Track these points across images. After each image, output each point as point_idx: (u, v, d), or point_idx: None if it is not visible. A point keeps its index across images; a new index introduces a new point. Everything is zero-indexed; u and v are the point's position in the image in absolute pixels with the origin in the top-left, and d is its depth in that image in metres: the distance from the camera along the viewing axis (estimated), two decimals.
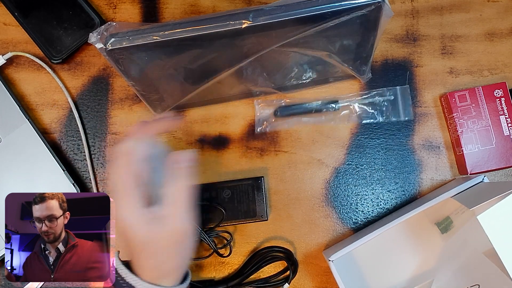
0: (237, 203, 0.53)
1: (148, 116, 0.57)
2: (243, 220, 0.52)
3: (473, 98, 0.54)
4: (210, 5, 0.59)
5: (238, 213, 0.52)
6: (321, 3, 0.40)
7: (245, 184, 0.53)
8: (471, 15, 0.58)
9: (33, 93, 0.58)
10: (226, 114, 0.57)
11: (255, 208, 0.52)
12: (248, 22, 0.40)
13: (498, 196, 0.41)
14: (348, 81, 0.57)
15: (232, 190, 0.53)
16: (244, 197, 0.53)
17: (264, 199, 0.53)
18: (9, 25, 0.59)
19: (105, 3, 0.59)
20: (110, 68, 0.58)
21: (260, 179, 0.53)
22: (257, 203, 0.53)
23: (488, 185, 0.47)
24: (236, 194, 0.53)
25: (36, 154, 0.55)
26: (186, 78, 0.49)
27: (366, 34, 0.46)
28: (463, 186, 0.49)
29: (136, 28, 0.41)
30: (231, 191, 0.53)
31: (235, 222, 0.53)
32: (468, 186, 0.49)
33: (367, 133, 0.57)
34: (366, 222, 0.55)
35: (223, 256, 0.52)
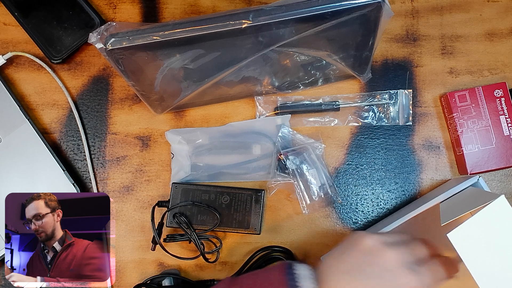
0: (233, 211, 0.52)
1: (148, 116, 0.57)
2: (236, 229, 0.52)
3: (473, 98, 0.54)
4: (210, 5, 0.59)
5: (232, 221, 0.52)
6: (321, 3, 0.40)
7: (245, 194, 0.53)
8: (471, 15, 0.58)
9: (33, 93, 0.58)
10: (226, 114, 0.57)
11: (250, 220, 0.52)
12: (248, 22, 0.40)
13: (469, 211, 0.39)
14: (348, 81, 0.57)
15: (231, 197, 0.53)
16: (242, 206, 0.53)
17: (261, 214, 0.52)
18: (9, 25, 0.59)
19: (105, 3, 0.59)
20: (110, 68, 0.58)
21: (260, 192, 0.53)
22: (253, 215, 0.52)
23: (474, 192, 0.45)
24: (234, 202, 0.53)
25: (36, 154, 0.55)
26: (186, 78, 0.49)
27: (366, 34, 0.46)
28: (457, 188, 0.47)
29: (136, 28, 0.41)
30: (230, 198, 0.53)
31: (227, 230, 0.53)
32: (462, 188, 0.47)
33: (367, 133, 0.57)
34: (366, 222, 0.55)
35: (208, 261, 0.51)
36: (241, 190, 0.53)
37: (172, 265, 0.55)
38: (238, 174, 0.55)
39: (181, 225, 0.51)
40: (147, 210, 0.55)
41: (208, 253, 0.52)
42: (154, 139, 0.57)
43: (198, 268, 0.55)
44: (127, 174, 0.56)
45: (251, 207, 0.53)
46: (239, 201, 0.53)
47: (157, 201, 0.53)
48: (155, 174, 0.56)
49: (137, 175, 0.56)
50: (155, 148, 0.57)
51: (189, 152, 0.55)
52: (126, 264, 0.55)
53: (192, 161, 0.55)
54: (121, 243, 0.55)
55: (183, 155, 0.55)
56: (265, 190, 0.54)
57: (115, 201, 0.56)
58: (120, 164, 0.56)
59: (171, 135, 0.56)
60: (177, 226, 0.52)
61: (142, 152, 0.57)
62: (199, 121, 0.57)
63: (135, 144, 0.57)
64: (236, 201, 0.53)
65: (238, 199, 0.53)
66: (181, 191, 0.53)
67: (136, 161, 0.56)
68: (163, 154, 0.56)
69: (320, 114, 0.57)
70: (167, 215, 0.52)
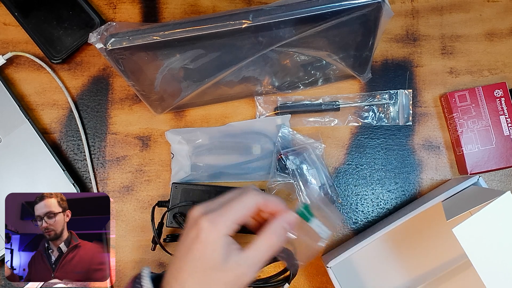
0: None
1: (148, 116, 0.57)
2: None
3: (473, 98, 0.54)
4: (210, 5, 0.59)
5: None
6: (321, 3, 0.40)
7: None
8: (471, 15, 0.58)
9: (33, 93, 0.58)
10: (226, 114, 0.57)
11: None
12: (248, 22, 0.40)
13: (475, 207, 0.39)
14: (348, 81, 0.57)
15: None
16: None
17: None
18: (9, 25, 0.59)
19: (105, 3, 0.59)
20: (110, 68, 0.58)
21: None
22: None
23: (477, 191, 0.46)
24: None
25: (36, 154, 0.55)
26: (186, 78, 0.49)
27: (366, 34, 0.46)
28: (457, 188, 0.47)
29: (136, 28, 0.41)
30: None
31: None
32: (463, 187, 0.47)
33: (367, 133, 0.57)
34: (366, 222, 0.55)
35: None
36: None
37: None
38: (238, 174, 0.55)
39: (181, 225, 0.51)
40: (147, 210, 0.55)
41: None
42: (154, 139, 0.57)
43: None
44: (127, 174, 0.56)
45: None
46: None
47: (157, 201, 0.53)
48: (155, 174, 0.56)
49: (137, 175, 0.56)
50: (155, 148, 0.57)
51: (189, 152, 0.55)
52: (126, 264, 0.55)
53: (192, 161, 0.55)
54: (121, 243, 0.55)
55: (183, 155, 0.55)
56: (265, 190, 0.54)
57: (115, 201, 0.56)
58: (120, 164, 0.56)
59: (171, 135, 0.56)
60: (177, 226, 0.52)
61: (142, 152, 0.57)
62: (199, 121, 0.57)
63: (135, 144, 0.57)
64: None
65: None
66: (181, 191, 0.53)
67: (136, 161, 0.56)
68: (163, 154, 0.56)
69: (320, 114, 0.57)
70: (167, 215, 0.52)
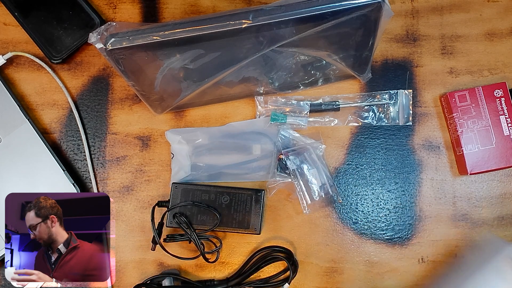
0: (233, 211, 0.52)
1: (148, 116, 0.57)
2: (236, 230, 0.52)
3: (473, 98, 0.54)
4: (210, 5, 0.59)
5: (232, 221, 0.52)
6: (321, 3, 0.40)
7: (245, 194, 0.53)
8: (471, 15, 0.58)
9: (33, 93, 0.58)
10: (226, 114, 0.57)
11: (250, 220, 0.52)
12: (248, 22, 0.40)
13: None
14: (348, 81, 0.57)
15: (231, 197, 0.53)
16: (242, 206, 0.52)
17: (261, 213, 0.52)
18: (9, 25, 0.59)
19: (105, 3, 0.59)
20: (110, 68, 0.58)
21: (260, 192, 0.53)
22: (253, 215, 0.52)
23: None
24: (234, 202, 0.53)
25: (36, 154, 0.55)
26: (186, 78, 0.49)
27: (366, 34, 0.46)
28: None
29: (136, 28, 0.41)
30: (230, 198, 0.53)
31: (227, 230, 0.53)
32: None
33: (367, 133, 0.57)
34: (366, 222, 0.55)
35: (208, 261, 0.51)
36: (241, 190, 0.53)
37: (172, 265, 0.55)
38: (238, 174, 0.55)
39: (181, 225, 0.51)
40: (147, 210, 0.55)
41: (208, 253, 0.52)
42: (154, 139, 0.57)
43: (198, 268, 0.55)
44: (127, 174, 0.56)
45: (251, 207, 0.53)
46: (239, 201, 0.53)
47: (157, 201, 0.53)
48: (155, 174, 0.56)
49: (137, 175, 0.56)
50: (155, 148, 0.57)
51: (189, 152, 0.55)
52: (126, 264, 0.55)
53: (192, 161, 0.55)
54: (121, 243, 0.55)
55: (183, 155, 0.55)
56: (265, 190, 0.54)
57: (115, 201, 0.56)
58: (120, 164, 0.56)
59: (171, 135, 0.56)
60: (177, 226, 0.52)
61: (142, 152, 0.57)
62: (199, 121, 0.57)
63: (135, 144, 0.57)
64: (236, 201, 0.53)
65: (238, 199, 0.53)
66: (181, 191, 0.53)
67: (136, 161, 0.56)
68: (163, 154, 0.56)
69: (320, 114, 0.57)
70: (167, 215, 0.52)
